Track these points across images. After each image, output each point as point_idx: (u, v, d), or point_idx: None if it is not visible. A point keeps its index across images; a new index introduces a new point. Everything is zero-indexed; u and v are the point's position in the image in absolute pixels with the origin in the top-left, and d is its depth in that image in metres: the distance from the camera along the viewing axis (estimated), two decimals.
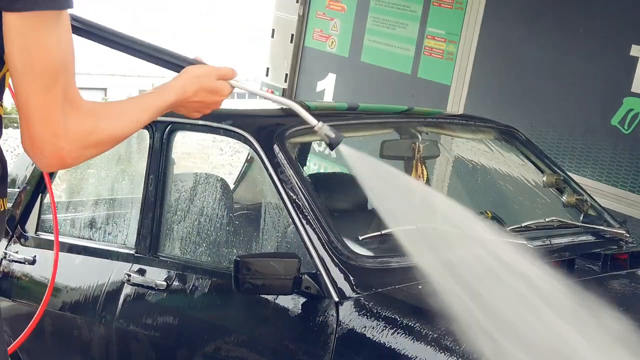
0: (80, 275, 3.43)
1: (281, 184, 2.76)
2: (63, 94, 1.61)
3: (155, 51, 2.01)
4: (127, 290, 3.16)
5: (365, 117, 3.51)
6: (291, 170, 2.77)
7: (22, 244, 3.76)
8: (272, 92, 7.01)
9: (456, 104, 5.74)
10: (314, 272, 2.61)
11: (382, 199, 2.41)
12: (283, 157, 2.80)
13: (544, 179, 3.48)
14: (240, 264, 2.55)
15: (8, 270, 3.77)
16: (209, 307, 2.92)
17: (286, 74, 6.85)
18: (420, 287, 2.54)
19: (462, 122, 3.58)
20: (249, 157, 4.30)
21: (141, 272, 3.14)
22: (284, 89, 6.85)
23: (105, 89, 31.78)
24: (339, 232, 2.67)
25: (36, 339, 3.63)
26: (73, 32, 1.92)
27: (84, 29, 1.93)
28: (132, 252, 3.24)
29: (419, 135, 3.28)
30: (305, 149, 4.07)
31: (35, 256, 3.65)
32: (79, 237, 3.62)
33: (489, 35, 5.55)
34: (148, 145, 3.22)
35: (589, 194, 3.49)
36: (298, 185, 2.75)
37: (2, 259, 3.80)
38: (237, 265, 2.56)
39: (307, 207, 2.70)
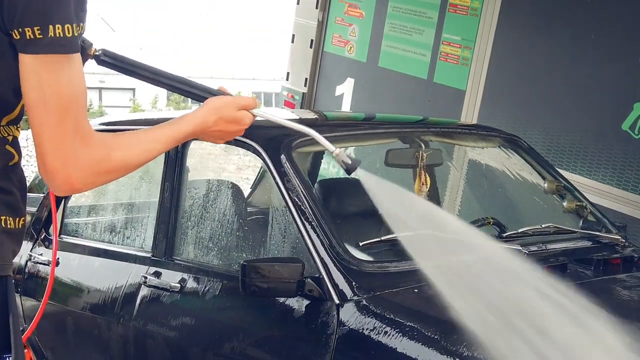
0: (101, 277, 3.58)
1: (287, 192, 2.90)
2: (73, 127, 1.76)
3: (181, 83, 2.14)
4: (143, 291, 3.31)
5: (370, 126, 3.64)
6: (297, 179, 2.91)
7: (46, 247, 3.92)
8: (293, 97, 7.14)
9: (471, 109, 5.81)
10: (317, 275, 2.74)
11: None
12: (289, 167, 2.94)
13: (546, 185, 3.58)
14: (247, 268, 2.69)
15: (33, 271, 3.93)
16: (219, 308, 3.06)
17: (306, 79, 6.95)
18: (416, 290, 2.68)
19: (466, 131, 3.69)
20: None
21: (157, 274, 3.29)
22: (303, 93, 6.93)
23: (133, 89, 32.02)
24: (341, 238, 2.81)
25: (59, 337, 3.79)
26: (107, 67, 2.10)
27: (115, 64, 2.07)
28: (149, 255, 3.39)
29: (423, 144, 3.40)
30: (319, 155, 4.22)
31: (58, 258, 3.81)
32: (99, 241, 3.78)
33: (503, 41, 5.60)
34: (164, 153, 3.37)
35: (589, 201, 3.59)
36: (303, 194, 2.88)
37: (27, 261, 3.96)
38: (244, 269, 2.70)
39: (311, 214, 2.84)
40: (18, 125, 1.89)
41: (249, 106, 2.13)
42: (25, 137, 8.79)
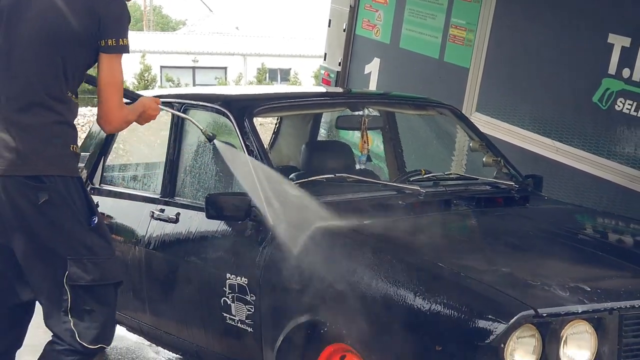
0: (126, 213, 4.63)
1: (246, 147, 3.88)
2: (120, 96, 3.24)
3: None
4: (153, 223, 4.32)
5: (326, 97, 4.59)
6: (253, 138, 3.89)
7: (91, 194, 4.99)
8: (329, 75, 7.99)
9: (474, 84, 6.46)
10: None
11: None
12: (249, 129, 3.92)
13: (471, 144, 4.44)
14: (209, 200, 3.70)
15: None
16: (200, 232, 4.03)
17: (340, 58, 7.79)
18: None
19: (407, 102, 4.59)
20: (275, 129, 5.43)
21: (162, 210, 4.29)
22: (338, 72, 7.71)
23: (225, 68, 33.20)
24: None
25: None
26: None
27: None
28: (158, 196, 4.41)
29: (365, 111, 4.30)
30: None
31: (97, 202, 4.86)
32: (126, 187, 4.86)
33: (501, 25, 6.30)
34: (170, 122, 4.39)
35: (503, 156, 4.41)
36: (257, 148, 3.86)
37: None
38: (208, 201, 3.71)
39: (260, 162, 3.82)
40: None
41: (158, 102, 3.57)
42: None
